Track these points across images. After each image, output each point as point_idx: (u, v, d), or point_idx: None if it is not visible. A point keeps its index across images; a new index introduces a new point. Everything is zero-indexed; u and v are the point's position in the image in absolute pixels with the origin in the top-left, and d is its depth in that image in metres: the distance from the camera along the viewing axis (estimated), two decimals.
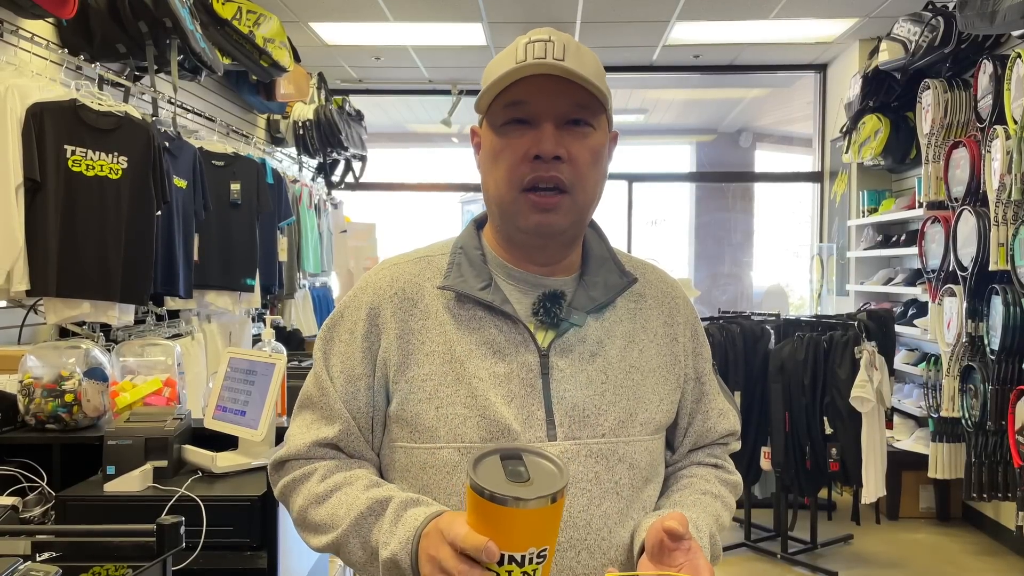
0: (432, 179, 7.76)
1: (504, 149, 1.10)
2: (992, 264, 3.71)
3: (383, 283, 1.17)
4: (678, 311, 1.23)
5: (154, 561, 1.36)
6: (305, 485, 1.14)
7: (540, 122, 1.08)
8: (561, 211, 1.10)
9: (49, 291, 2.81)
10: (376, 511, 1.05)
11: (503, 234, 1.17)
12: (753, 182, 8.97)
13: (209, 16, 3.95)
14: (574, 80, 1.06)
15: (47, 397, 2.35)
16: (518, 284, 1.16)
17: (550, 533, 0.86)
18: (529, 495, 0.82)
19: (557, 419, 1.09)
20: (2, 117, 2.69)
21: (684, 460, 1.24)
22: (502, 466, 0.87)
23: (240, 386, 2.13)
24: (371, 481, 1.11)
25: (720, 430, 1.25)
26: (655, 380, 1.16)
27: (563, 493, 0.85)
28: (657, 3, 5.06)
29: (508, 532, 0.84)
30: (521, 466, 0.87)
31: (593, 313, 1.15)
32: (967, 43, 4.15)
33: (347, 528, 1.07)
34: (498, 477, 0.85)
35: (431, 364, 1.11)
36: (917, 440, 4.88)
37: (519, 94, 1.08)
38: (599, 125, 1.12)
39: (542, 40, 1.08)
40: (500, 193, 1.12)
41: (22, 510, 1.97)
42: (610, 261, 1.21)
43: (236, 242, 4.08)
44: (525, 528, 0.83)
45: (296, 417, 1.19)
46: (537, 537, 0.84)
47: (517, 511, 0.82)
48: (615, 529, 1.08)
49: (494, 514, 0.83)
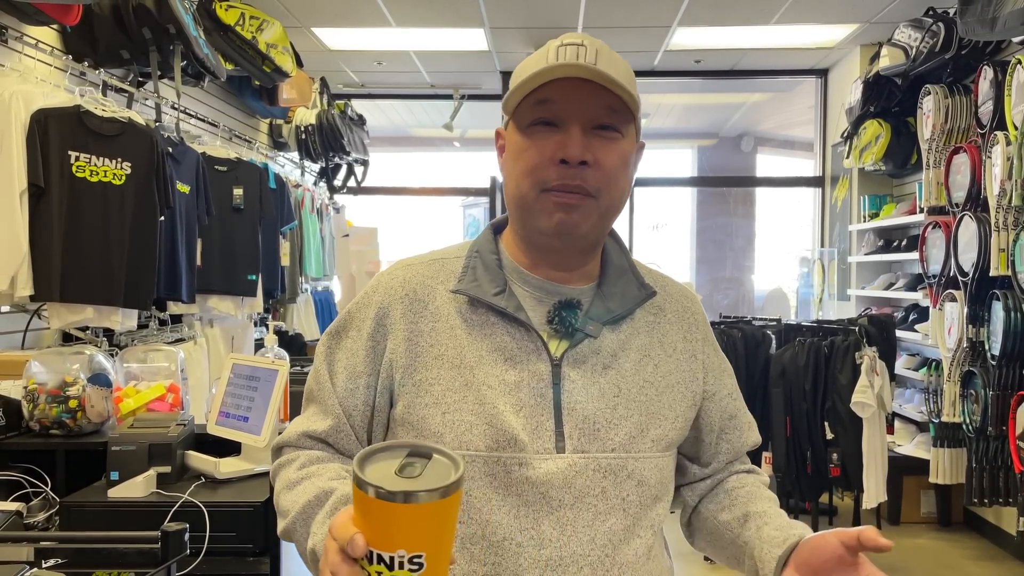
0: (434, 183, 7.77)
1: (529, 149, 1.07)
2: (993, 269, 3.71)
3: (395, 283, 1.15)
4: (697, 327, 1.20)
5: (159, 568, 1.36)
6: (285, 471, 1.13)
7: (568, 125, 1.06)
8: (583, 211, 1.07)
9: (53, 296, 2.82)
10: (321, 501, 1.04)
11: (522, 236, 1.14)
12: (754, 186, 8.97)
13: (212, 22, 3.96)
14: (605, 84, 1.04)
15: (51, 403, 2.36)
16: (533, 291, 1.14)
17: (428, 538, 0.77)
18: (393, 487, 0.75)
19: (567, 431, 1.06)
20: (7, 123, 2.70)
21: (723, 471, 1.23)
22: (402, 461, 0.80)
23: (243, 392, 2.14)
24: (336, 474, 1.09)
25: (751, 442, 1.24)
26: (670, 396, 1.13)
27: (447, 498, 0.76)
28: (658, 9, 5.08)
29: (376, 527, 0.77)
30: (421, 464, 0.80)
31: (609, 324, 1.12)
32: (968, 49, 4.15)
33: (296, 515, 1.05)
34: (388, 470, 0.78)
35: (439, 368, 1.08)
36: (918, 445, 4.88)
37: (549, 93, 1.06)
38: (627, 132, 1.10)
39: (575, 44, 1.05)
40: (522, 192, 1.09)
41: (26, 516, 1.97)
42: (629, 272, 1.18)
43: (239, 247, 4.10)
44: (395, 526, 0.76)
45: (303, 408, 1.19)
46: (408, 539, 0.76)
47: (385, 505, 0.75)
48: (619, 546, 1.06)
49: (366, 506, 0.77)
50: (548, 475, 1.04)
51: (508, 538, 1.03)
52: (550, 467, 1.04)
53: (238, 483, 2.09)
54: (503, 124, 1.15)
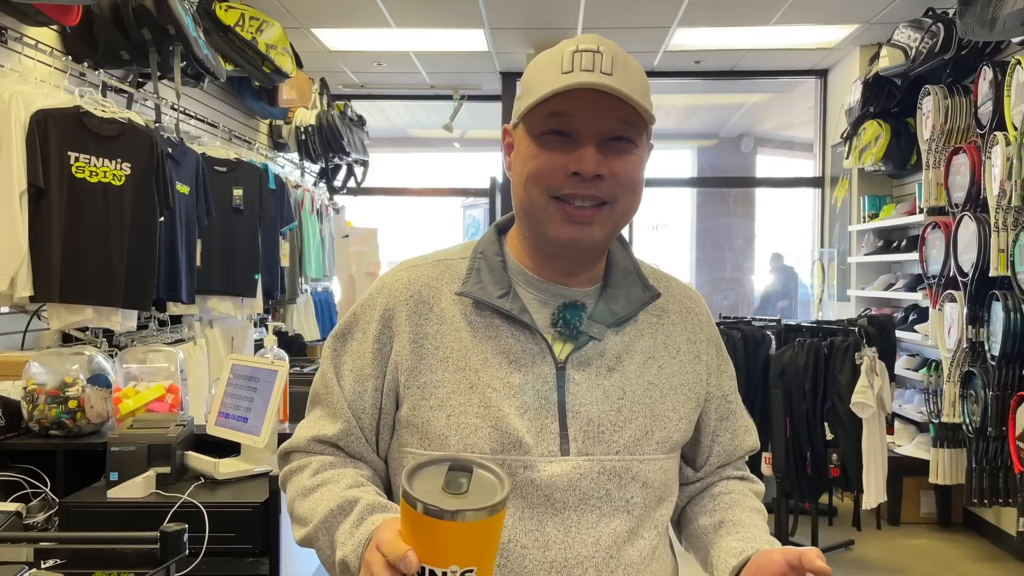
0: (434, 184, 7.77)
1: (540, 156, 1.06)
2: (992, 270, 3.72)
3: (399, 285, 1.14)
4: (701, 328, 1.20)
5: (158, 568, 1.36)
6: (298, 477, 1.13)
7: (582, 138, 1.04)
8: (597, 224, 1.07)
9: (52, 297, 2.82)
10: (345, 510, 1.04)
11: (529, 240, 1.14)
12: (754, 187, 8.98)
13: (212, 23, 3.96)
14: (623, 99, 1.03)
15: (51, 403, 2.36)
16: (538, 293, 1.13)
17: (477, 552, 0.80)
18: (454, 507, 0.78)
19: (571, 433, 1.06)
20: (6, 124, 2.70)
21: (713, 475, 1.23)
22: (446, 476, 0.82)
23: (242, 392, 2.14)
24: (354, 481, 1.09)
25: (746, 446, 1.23)
26: (675, 398, 1.13)
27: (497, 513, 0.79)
28: (658, 9, 5.08)
29: (428, 543, 0.79)
30: (465, 478, 0.82)
31: (613, 327, 1.12)
32: (967, 49, 4.15)
33: (318, 524, 1.06)
34: (435, 487, 0.81)
35: (444, 371, 1.08)
36: (918, 446, 4.88)
37: (563, 106, 1.04)
38: (641, 143, 1.09)
39: (590, 50, 1.03)
40: (531, 199, 1.08)
41: (25, 516, 1.97)
42: (634, 274, 1.17)
43: (238, 247, 4.10)
44: (448, 543, 0.79)
45: (308, 411, 1.19)
46: (462, 554, 0.79)
47: (440, 523, 0.78)
48: (624, 548, 1.06)
49: (418, 524, 0.79)
50: (553, 477, 1.04)
51: (513, 540, 1.03)
52: (555, 470, 1.04)
53: (237, 484, 2.09)
54: (512, 123, 1.13)
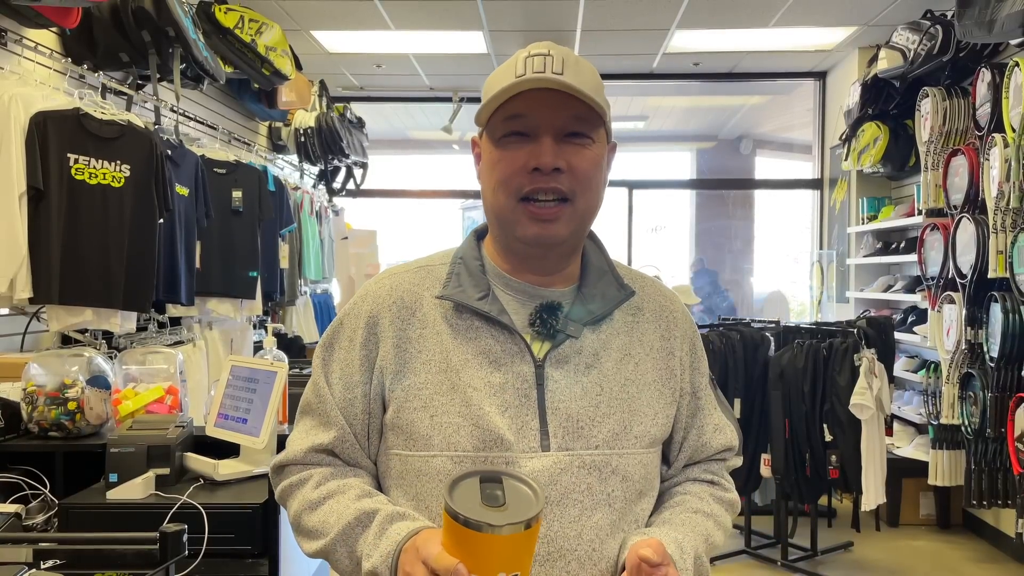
0: (433, 186, 7.77)
1: (503, 160, 1.11)
2: (991, 271, 3.72)
3: (382, 292, 1.18)
4: (675, 325, 1.23)
5: (157, 569, 1.36)
6: (301, 491, 1.16)
7: (539, 135, 1.10)
8: (562, 221, 1.12)
9: (52, 299, 2.82)
10: (363, 522, 1.08)
11: (502, 244, 1.19)
12: (753, 189, 8.98)
13: (211, 25, 3.97)
14: (572, 94, 1.08)
15: (50, 405, 2.36)
16: (516, 295, 1.17)
17: (522, 559, 0.86)
18: (500, 521, 0.83)
19: (551, 430, 1.09)
20: (6, 126, 2.70)
21: (680, 475, 1.24)
22: (480, 489, 0.88)
23: (242, 394, 2.14)
24: (363, 491, 1.13)
25: (716, 445, 1.24)
26: (651, 394, 1.16)
27: (538, 520, 0.85)
28: (657, 11, 5.09)
29: (478, 556, 0.85)
30: (499, 490, 0.88)
31: (590, 325, 1.15)
32: (965, 51, 4.16)
33: (335, 536, 1.09)
34: (473, 501, 0.86)
35: (427, 373, 1.12)
36: (917, 447, 4.88)
37: (518, 107, 1.10)
38: (598, 137, 1.14)
39: (541, 54, 1.09)
40: (499, 203, 1.13)
41: (25, 517, 1.97)
42: (609, 274, 1.21)
43: (238, 249, 4.10)
44: (495, 553, 0.84)
45: (297, 422, 1.22)
46: (508, 563, 0.85)
47: (488, 536, 0.83)
48: (606, 541, 1.09)
49: (466, 538, 0.84)
50: (534, 473, 1.07)
51: None
52: (536, 465, 1.07)
53: (237, 485, 2.10)
54: (478, 133, 1.19)
